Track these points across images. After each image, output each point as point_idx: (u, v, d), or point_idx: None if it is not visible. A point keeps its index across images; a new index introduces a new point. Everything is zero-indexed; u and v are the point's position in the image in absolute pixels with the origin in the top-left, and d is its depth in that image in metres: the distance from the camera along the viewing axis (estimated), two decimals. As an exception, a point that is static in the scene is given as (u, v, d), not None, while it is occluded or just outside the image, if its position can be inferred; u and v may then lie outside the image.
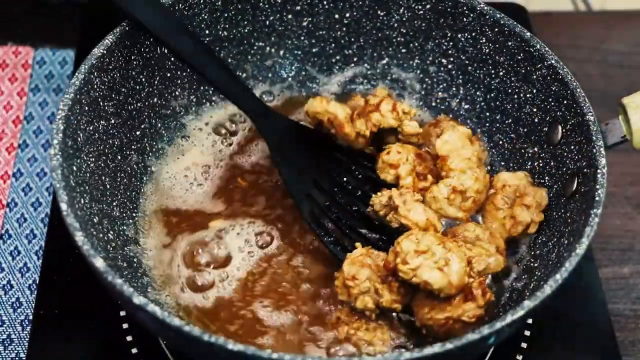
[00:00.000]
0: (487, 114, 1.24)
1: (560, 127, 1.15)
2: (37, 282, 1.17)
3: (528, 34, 1.17)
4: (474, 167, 1.15)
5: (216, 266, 1.12)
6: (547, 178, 1.17)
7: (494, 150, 1.24)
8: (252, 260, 1.13)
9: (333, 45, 1.28)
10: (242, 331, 1.07)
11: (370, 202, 1.12)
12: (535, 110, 1.19)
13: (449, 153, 1.16)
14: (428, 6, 1.23)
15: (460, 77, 1.25)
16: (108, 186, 1.13)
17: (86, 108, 1.11)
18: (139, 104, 1.19)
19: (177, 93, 1.24)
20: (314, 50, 1.28)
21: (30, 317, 1.16)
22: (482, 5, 1.20)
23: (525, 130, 1.20)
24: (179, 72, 1.22)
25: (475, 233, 1.11)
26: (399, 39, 1.27)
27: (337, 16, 1.27)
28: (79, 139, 1.09)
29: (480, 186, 1.15)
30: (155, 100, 1.21)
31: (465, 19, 1.22)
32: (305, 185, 1.16)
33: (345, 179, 1.18)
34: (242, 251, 1.13)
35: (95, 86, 1.12)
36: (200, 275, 1.11)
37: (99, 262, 0.97)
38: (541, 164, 1.18)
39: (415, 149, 1.17)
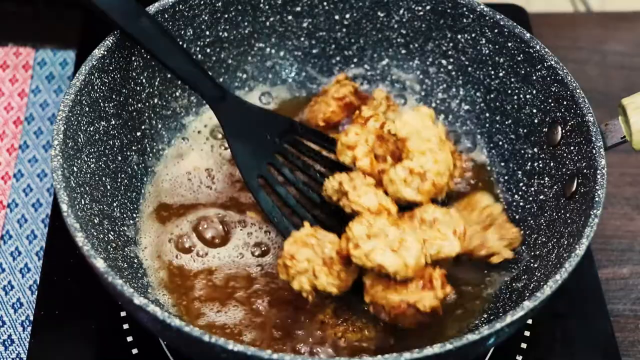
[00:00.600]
0: (487, 114, 1.24)
1: (560, 128, 1.15)
2: (38, 282, 1.17)
3: (528, 35, 1.18)
4: (434, 148, 1.09)
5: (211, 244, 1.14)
6: (546, 179, 1.17)
7: (493, 151, 1.24)
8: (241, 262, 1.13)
9: (333, 46, 1.29)
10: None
11: (323, 187, 1.09)
12: (535, 111, 1.19)
13: (409, 135, 1.09)
14: (428, 7, 1.24)
15: (460, 77, 1.26)
16: (108, 187, 1.14)
17: (87, 109, 1.11)
18: (139, 105, 1.19)
19: (177, 94, 1.24)
20: (314, 51, 1.29)
21: (31, 318, 1.16)
22: (481, 6, 1.20)
23: (525, 131, 1.20)
24: (179, 73, 1.23)
25: (434, 215, 1.07)
26: (399, 40, 1.27)
27: (337, 17, 1.27)
28: (80, 140, 1.09)
29: (440, 168, 1.08)
30: (155, 101, 1.21)
31: (465, 20, 1.22)
32: (259, 166, 1.13)
33: (304, 162, 1.15)
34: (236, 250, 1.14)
35: (96, 87, 1.12)
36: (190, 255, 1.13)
37: (100, 263, 0.97)
38: (541, 165, 1.18)
39: (377, 131, 1.12)
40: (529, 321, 1.15)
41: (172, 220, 1.16)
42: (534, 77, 1.18)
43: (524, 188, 1.20)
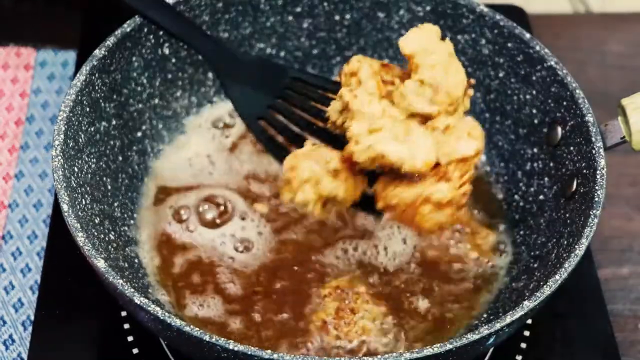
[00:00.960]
0: (487, 115, 1.25)
1: (559, 128, 1.15)
2: (39, 282, 1.17)
3: (527, 35, 1.18)
4: (444, 61, 1.01)
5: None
6: (546, 179, 1.17)
7: (493, 151, 1.24)
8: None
9: (334, 46, 1.29)
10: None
11: (326, 115, 1.03)
12: (534, 111, 1.19)
13: (415, 51, 1.01)
14: (428, 8, 1.24)
15: (460, 78, 1.26)
16: (109, 187, 1.14)
17: (87, 109, 1.11)
18: (140, 105, 1.20)
19: (178, 94, 1.24)
20: (314, 51, 1.29)
21: (32, 318, 1.16)
22: (481, 7, 1.21)
23: (525, 131, 1.21)
24: (179, 74, 1.23)
25: (447, 122, 1.01)
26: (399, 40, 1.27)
27: (337, 18, 1.27)
28: (80, 140, 1.10)
29: (454, 79, 1.01)
30: (156, 101, 1.22)
31: (464, 21, 1.22)
32: (258, 108, 1.12)
33: (308, 104, 1.12)
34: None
35: (97, 87, 1.13)
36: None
37: (100, 263, 0.97)
38: (540, 165, 1.18)
39: (382, 62, 1.06)
40: (529, 321, 1.15)
41: (177, 195, 1.18)
42: (534, 78, 1.18)
43: (523, 188, 1.20)
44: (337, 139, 1.06)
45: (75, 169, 1.07)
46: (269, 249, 1.15)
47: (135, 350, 1.11)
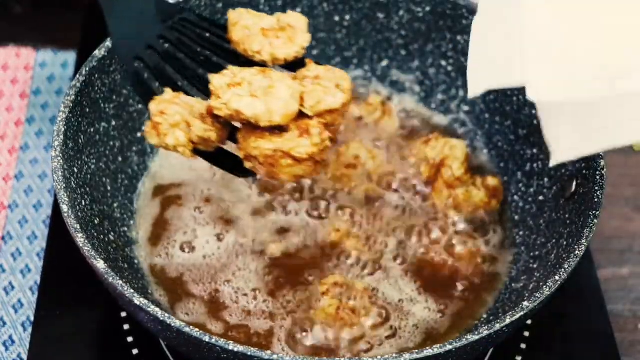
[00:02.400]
0: (487, 115, 1.25)
1: (559, 129, 1.15)
2: (39, 283, 1.17)
3: (527, 36, 1.18)
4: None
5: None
6: (546, 179, 1.17)
7: (493, 152, 1.24)
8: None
9: (333, 47, 1.29)
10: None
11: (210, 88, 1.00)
12: (534, 112, 1.19)
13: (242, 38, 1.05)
14: (428, 9, 1.24)
15: (460, 78, 1.26)
16: (109, 188, 1.14)
17: (87, 110, 1.11)
18: (139, 106, 1.20)
19: (177, 95, 1.24)
20: (314, 52, 1.29)
21: (32, 319, 1.16)
22: (481, 8, 1.21)
23: (525, 131, 1.21)
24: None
25: (317, 72, 1.02)
26: (398, 41, 1.27)
27: (337, 18, 1.27)
28: (80, 141, 1.10)
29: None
30: (156, 102, 1.22)
31: (464, 21, 1.22)
32: (136, 46, 1.08)
33: (189, 47, 1.09)
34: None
35: (97, 88, 1.13)
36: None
37: (100, 264, 0.97)
38: (540, 166, 1.18)
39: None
40: (529, 322, 1.15)
41: (176, 195, 1.19)
42: (534, 78, 1.18)
43: (523, 189, 1.20)
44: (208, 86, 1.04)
45: (75, 170, 1.07)
46: (269, 248, 1.15)
47: (135, 351, 1.11)
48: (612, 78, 0.90)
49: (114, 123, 1.16)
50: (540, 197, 1.17)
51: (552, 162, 0.96)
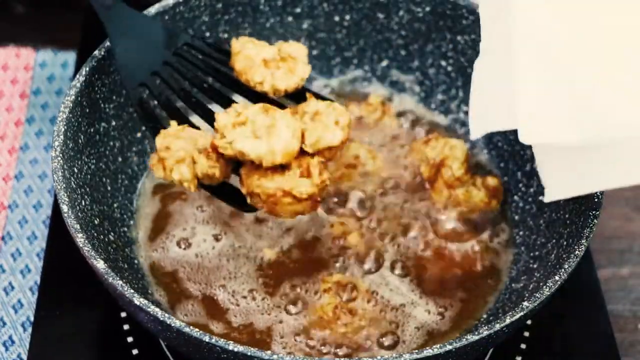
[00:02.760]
0: (487, 115, 1.25)
1: (559, 129, 1.15)
2: (38, 283, 1.17)
3: (527, 36, 1.18)
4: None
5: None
6: (546, 180, 1.17)
7: (493, 152, 1.24)
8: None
9: (333, 47, 1.29)
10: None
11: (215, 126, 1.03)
12: (534, 112, 1.19)
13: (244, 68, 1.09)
14: (428, 9, 1.24)
15: (460, 79, 1.26)
16: (109, 188, 1.14)
17: (87, 110, 1.11)
18: (139, 106, 1.20)
19: (177, 95, 1.24)
20: (314, 52, 1.29)
21: (32, 319, 1.16)
22: (481, 8, 1.21)
23: (525, 132, 1.21)
24: (179, 74, 1.23)
25: (317, 108, 1.05)
26: (398, 41, 1.27)
27: (337, 19, 1.27)
28: (80, 141, 1.10)
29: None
30: (156, 102, 1.22)
31: (464, 22, 1.22)
32: (141, 73, 1.09)
33: (194, 75, 1.11)
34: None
35: (97, 88, 1.13)
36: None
37: (100, 264, 0.97)
38: (540, 166, 1.18)
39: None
40: (529, 322, 1.15)
41: (176, 195, 1.19)
42: (534, 78, 1.18)
43: (523, 189, 1.20)
44: (211, 116, 1.08)
45: (75, 170, 1.07)
46: (269, 248, 1.15)
47: (135, 351, 1.11)
48: (601, 122, 0.92)
49: (114, 123, 1.16)
50: (540, 197, 1.17)
51: (546, 199, 0.98)
